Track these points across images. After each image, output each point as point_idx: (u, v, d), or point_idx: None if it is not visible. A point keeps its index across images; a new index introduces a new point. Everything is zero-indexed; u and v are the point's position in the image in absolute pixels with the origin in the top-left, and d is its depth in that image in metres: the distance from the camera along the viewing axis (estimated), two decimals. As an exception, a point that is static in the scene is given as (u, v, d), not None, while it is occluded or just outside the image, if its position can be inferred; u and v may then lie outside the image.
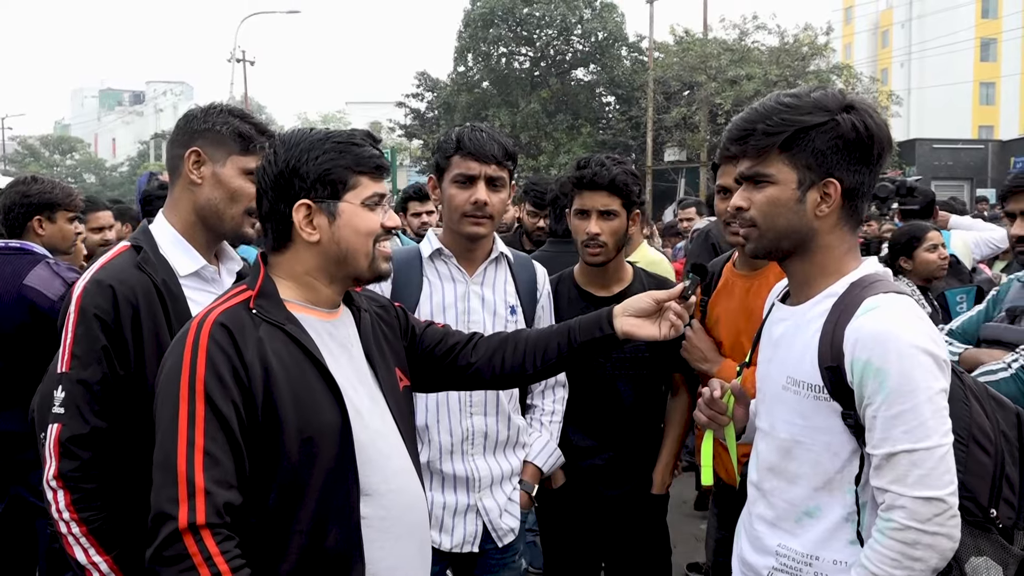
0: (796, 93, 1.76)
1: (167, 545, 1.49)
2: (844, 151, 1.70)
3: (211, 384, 1.55)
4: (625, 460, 2.86)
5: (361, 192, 1.71)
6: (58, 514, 1.81)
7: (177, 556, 1.49)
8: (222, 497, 1.52)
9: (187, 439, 1.53)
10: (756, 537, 1.87)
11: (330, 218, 1.69)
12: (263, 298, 1.68)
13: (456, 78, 33.54)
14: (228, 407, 1.56)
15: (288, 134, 1.74)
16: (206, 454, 1.52)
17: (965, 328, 2.68)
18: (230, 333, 1.60)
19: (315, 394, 1.64)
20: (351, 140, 1.72)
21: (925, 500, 1.57)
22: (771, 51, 27.86)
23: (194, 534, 1.49)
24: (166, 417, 1.56)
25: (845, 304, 1.69)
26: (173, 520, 1.49)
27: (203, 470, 1.51)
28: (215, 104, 2.12)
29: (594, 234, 2.73)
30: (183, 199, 2.06)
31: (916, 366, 1.59)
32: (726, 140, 1.81)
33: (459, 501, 2.52)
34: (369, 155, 1.72)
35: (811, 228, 1.74)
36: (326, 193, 1.68)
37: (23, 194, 3.44)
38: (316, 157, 1.68)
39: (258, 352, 1.60)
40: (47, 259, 3.33)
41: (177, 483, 1.51)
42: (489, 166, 2.47)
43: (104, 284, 1.89)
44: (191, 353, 1.58)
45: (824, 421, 1.72)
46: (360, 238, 1.71)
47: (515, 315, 2.62)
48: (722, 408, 1.98)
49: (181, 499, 1.50)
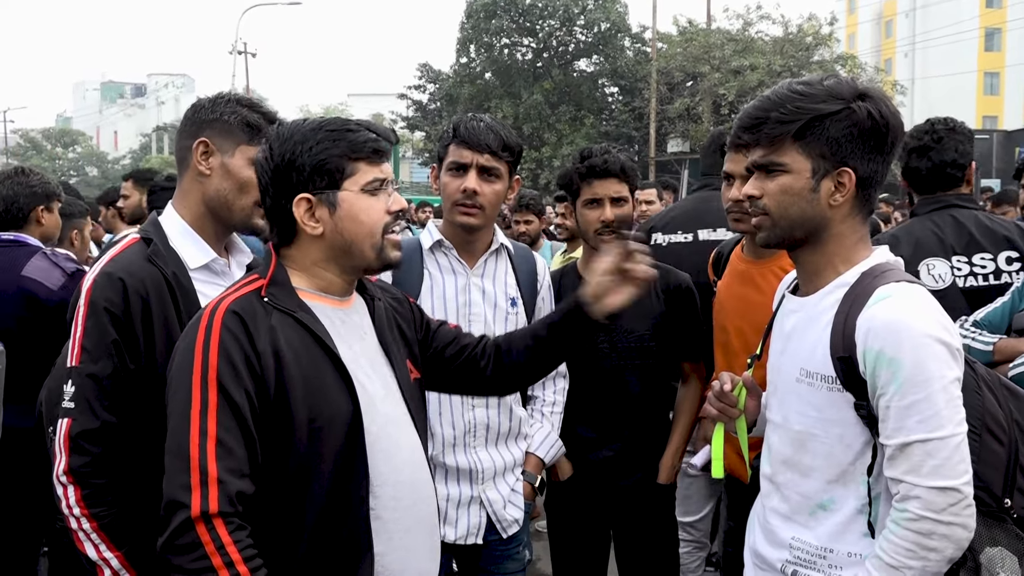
0: (809, 81, 1.74)
1: (179, 534, 1.49)
2: (859, 139, 1.69)
3: (224, 373, 1.55)
4: (633, 451, 2.85)
5: (360, 178, 1.68)
6: (68, 510, 1.80)
7: (189, 544, 1.48)
8: (235, 486, 1.51)
9: (200, 428, 1.52)
10: (770, 530, 1.86)
11: (331, 209, 1.67)
12: (275, 286, 1.67)
13: (458, 69, 33.49)
14: (241, 395, 1.55)
15: (281, 127, 1.71)
16: (219, 443, 1.52)
17: (990, 319, 2.67)
18: (242, 321, 1.59)
19: (326, 382, 1.63)
20: (345, 127, 1.69)
21: (940, 490, 1.56)
22: (775, 41, 27.81)
23: (206, 523, 1.48)
24: (179, 405, 1.56)
25: (856, 294, 1.68)
26: (186, 508, 1.48)
27: (216, 459, 1.51)
28: (223, 94, 2.09)
29: (611, 220, 2.73)
30: (192, 190, 2.05)
31: (929, 355, 1.58)
32: (737, 128, 1.79)
33: (463, 493, 2.51)
34: (364, 139, 1.68)
35: (824, 217, 1.73)
36: (324, 184, 1.66)
37: (26, 185, 3.41)
38: (310, 148, 1.65)
39: (270, 340, 1.59)
40: (43, 250, 3.32)
41: (190, 471, 1.50)
42: (482, 155, 2.45)
43: (114, 277, 1.87)
44: (203, 342, 1.57)
45: (837, 412, 1.70)
46: (364, 226, 1.69)
47: (516, 307, 2.61)
48: (733, 401, 1.97)
49: (194, 487, 1.49)
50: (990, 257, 2.87)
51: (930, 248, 2.90)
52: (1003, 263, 2.86)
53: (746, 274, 2.71)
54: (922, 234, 2.94)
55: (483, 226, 2.53)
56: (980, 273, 2.87)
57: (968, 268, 2.88)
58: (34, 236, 3.39)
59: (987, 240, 2.88)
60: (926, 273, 2.88)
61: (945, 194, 2.99)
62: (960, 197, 2.98)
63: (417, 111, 34.90)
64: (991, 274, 2.86)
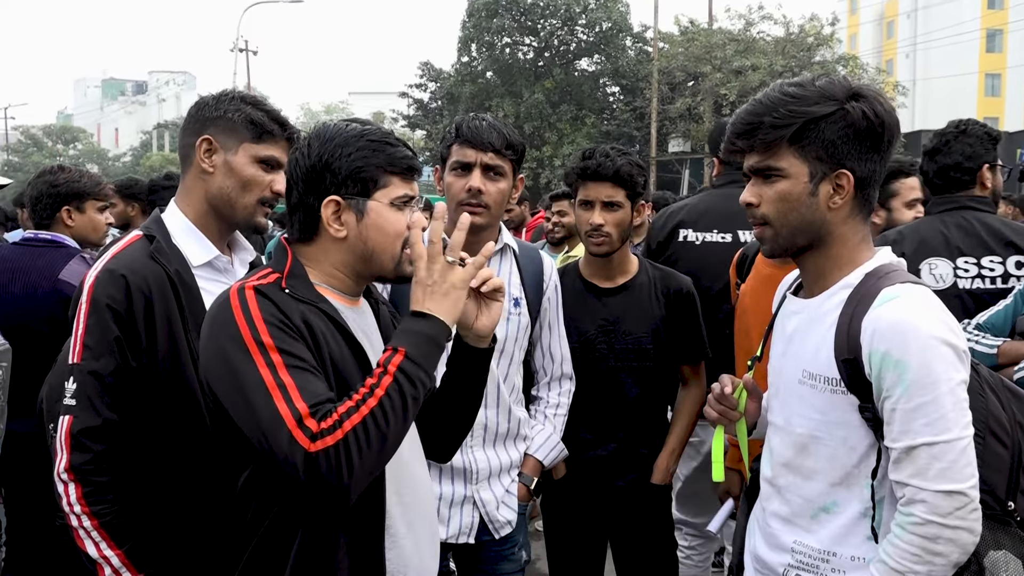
0: (800, 82, 1.72)
1: (312, 465, 1.44)
2: (855, 140, 1.67)
3: (276, 335, 1.53)
4: (629, 451, 2.84)
5: (391, 192, 1.70)
6: (69, 507, 1.80)
7: (326, 453, 1.44)
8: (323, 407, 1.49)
9: (276, 383, 1.49)
10: (771, 534, 1.85)
11: (358, 215, 1.68)
12: (293, 279, 1.67)
13: (460, 68, 33.47)
14: (301, 349, 1.54)
15: (323, 128, 1.73)
16: (300, 389, 1.49)
17: (993, 322, 2.67)
18: (271, 299, 1.58)
19: (349, 369, 1.63)
20: (385, 139, 1.71)
21: (946, 494, 1.55)
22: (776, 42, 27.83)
23: (318, 438, 1.44)
24: (249, 380, 1.50)
25: (861, 295, 1.67)
26: (302, 451, 1.44)
27: (301, 399, 1.48)
28: (227, 91, 2.09)
29: (597, 225, 2.73)
30: (195, 188, 2.04)
31: (936, 358, 1.57)
32: (731, 134, 1.77)
33: (455, 492, 2.50)
34: (402, 155, 1.71)
35: (825, 221, 1.72)
36: (356, 190, 1.68)
37: (51, 184, 3.36)
38: (349, 154, 1.67)
39: (303, 320, 1.59)
40: (81, 253, 3.28)
41: (286, 425, 1.46)
42: (486, 154, 2.45)
43: (116, 274, 1.87)
44: (243, 314, 1.54)
45: (841, 415, 1.69)
46: (387, 238, 1.70)
47: (519, 307, 2.60)
48: (733, 403, 1.96)
49: (297, 435, 1.45)
50: (999, 260, 2.85)
51: (934, 248, 2.90)
52: (1012, 267, 2.85)
53: (772, 278, 2.68)
54: (928, 233, 2.94)
55: (489, 225, 2.52)
56: (988, 276, 2.86)
57: (976, 270, 2.87)
58: (65, 236, 3.34)
59: (996, 243, 2.87)
60: (927, 272, 2.88)
61: (957, 195, 2.98)
62: (974, 199, 2.97)
63: (418, 110, 34.87)
64: (999, 277, 2.85)
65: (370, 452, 1.47)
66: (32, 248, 3.31)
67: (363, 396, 1.50)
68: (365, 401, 1.49)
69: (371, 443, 1.47)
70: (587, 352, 2.82)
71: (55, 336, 3.04)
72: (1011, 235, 2.88)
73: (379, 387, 1.51)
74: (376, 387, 1.51)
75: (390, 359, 1.54)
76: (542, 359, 2.75)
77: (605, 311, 2.84)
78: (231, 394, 1.53)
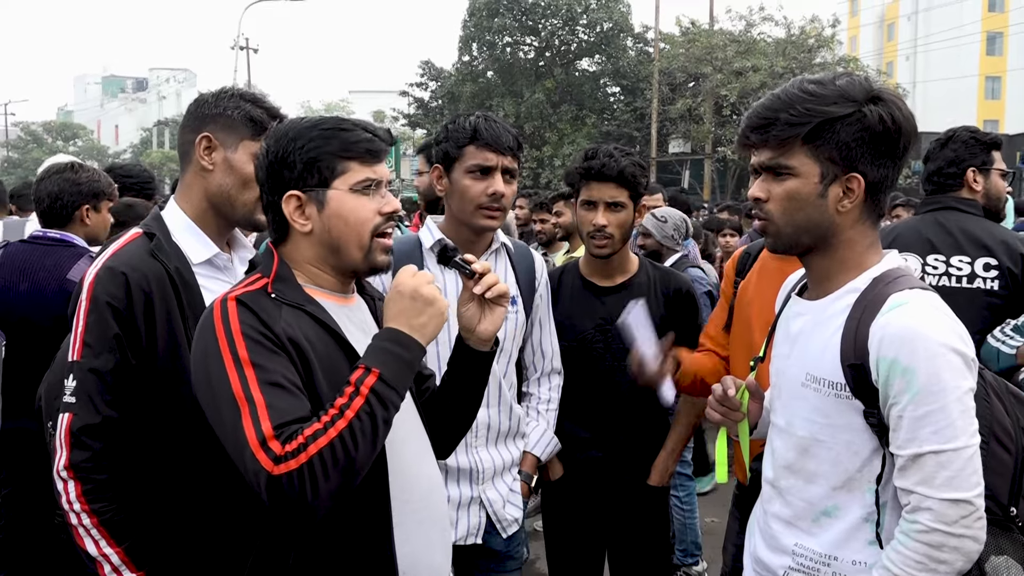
0: (821, 80, 1.70)
1: (275, 486, 1.43)
2: (870, 144, 1.65)
3: (253, 349, 1.52)
4: (624, 451, 2.84)
5: (350, 178, 1.65)
6: (68, 505, 1.79)
7: (289, 476, 1.43)
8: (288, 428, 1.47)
9: (246, 399, 1.48)
10: (771, 536, 1.84)
11: (319, 207, 1.65)
12: (280, 282, 1.65)
13: (460, 67, 33.49)
14: (280, 362, 1.53)
15: (281, 124, 1.71)
16: (270, 407, 1.48)
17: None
18: (252, 310, 1.57)
19: (342, 373, 1.60)
20: (339, 126, 1.67)
21: (952, 502, 1.54)
22: (777, 43, 27.86)
23: (281, 461, 1.43)
24: (221, 394, 1.50)
25: (869, 300, 1.65)
26: (264, 473, 1.43)
27: (268, 419, 1.47)
28: (226, 88, 2.07)
29: (600, 226, 2.73)
30: (195, 185, 2.03)
31: (945, 365, 1.55)
32: (745, 127, 1.75)
33: (463, 493, 2.50)
34: (357, 139, 1.66)
35: (832, 223, 1.70)
36: (315, 181, 1.64)
37: (73, 182, 3.30)
38: (303, 146, 1.64)
39: (286, 331, 1.57)
40: (89, 253, 3.24)
41: (249, 446, 1.45)
42: (505, 157, 2.44)
43: (116, 271, 1.86)
44: (223, 326, 1.54)
45: (845, 419, 1.68)
46: (350, 226, 1.66)
47: (516, 306, 2.60)
48: (735, 405, 1.94)
49: (259, 457, 1.44)
50: (967, 260, 2.96)
51: (907, 243, 3.04)
52: (979, 268, 2.95)
53: (777, 272, 2.65)
54: (905, 230, 3.16)
55: (499, 227, 2.52)
56: (955, 275, 2.98)
57: (944, 268, 3.00)
58: (79, 235, 3.31)
59: (969, 244, 2.98)
60: None
61: (942, 197, 3.13)
62: (959, 200, 3.10)
63: (419, 108, 34.88)
64: (965, 277, 2.96)
65: (336, 473, 1.45)
66: (40, 246, 3.28)
67: (332, 418, 1.48)
68: (334, 423, 1.47)
69: (338, 465, 1.45)
70: (584, 351, 2.81)
71: (61, 335, 3.04)
72: (985, 238, 2.99)
73: (349, 408, 1.49)
74: (346, 408, 1.49)
75: (362, 379, 1.52)
76: (532, 355, 2.75)
77: (603, 310, 2.83)
78: (208, 405, 1.54)
